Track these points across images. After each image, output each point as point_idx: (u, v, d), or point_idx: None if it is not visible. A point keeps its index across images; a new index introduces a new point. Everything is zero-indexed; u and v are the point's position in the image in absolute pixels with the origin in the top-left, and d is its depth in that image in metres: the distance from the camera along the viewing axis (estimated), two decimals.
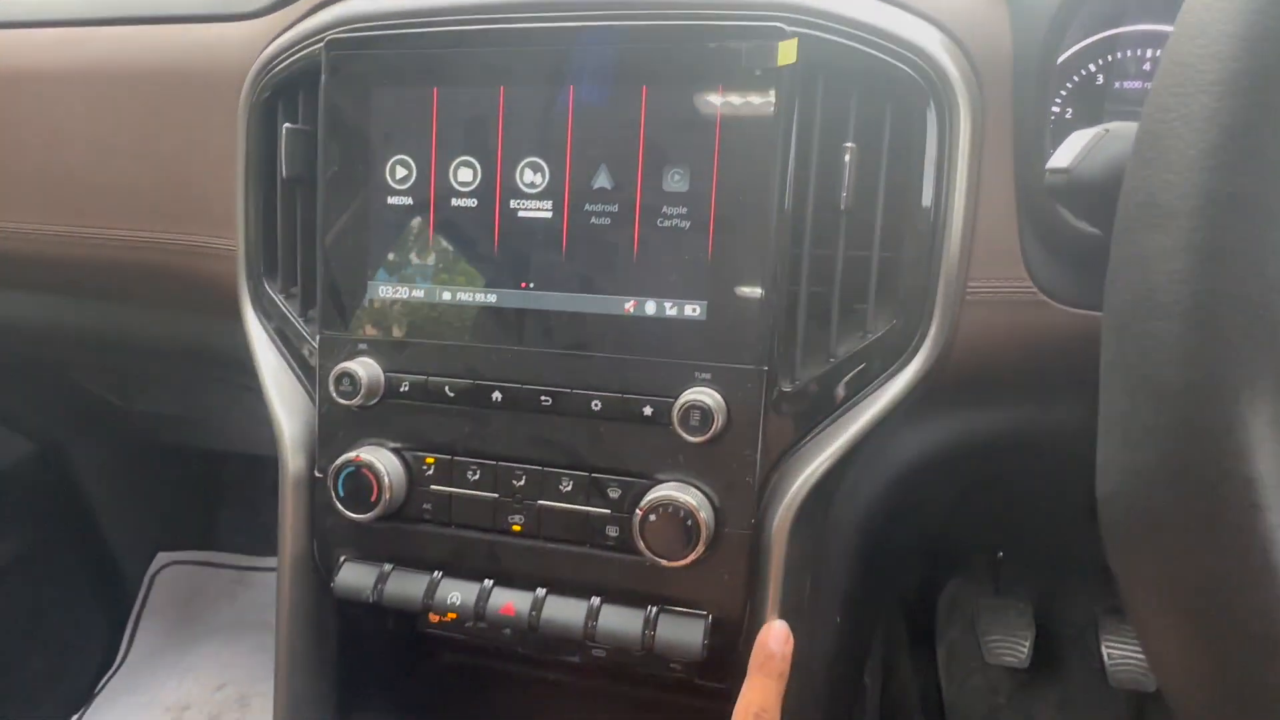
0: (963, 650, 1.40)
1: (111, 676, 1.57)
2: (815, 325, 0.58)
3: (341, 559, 0.65)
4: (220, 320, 0.76)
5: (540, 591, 0.60)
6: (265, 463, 1.66)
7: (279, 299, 0.70)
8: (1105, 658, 1.21)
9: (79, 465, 1.52)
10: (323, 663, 0.71)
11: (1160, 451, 0.25)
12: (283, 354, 0.70)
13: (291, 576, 0.67)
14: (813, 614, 0.62)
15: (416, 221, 0.62)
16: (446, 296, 0.62)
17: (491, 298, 0.61)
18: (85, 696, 1.52)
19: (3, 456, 1.40)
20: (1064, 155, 0.37)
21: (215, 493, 1.75)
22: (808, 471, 0.56)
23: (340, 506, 0.62)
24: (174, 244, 0.77)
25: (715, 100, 0.57)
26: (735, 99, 0.57)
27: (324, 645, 0.70)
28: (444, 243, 0.62)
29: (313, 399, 0.67)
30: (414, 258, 0.63)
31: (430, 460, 0.62)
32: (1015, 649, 1.23)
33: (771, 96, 0.56)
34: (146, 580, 1.66)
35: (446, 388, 0.61)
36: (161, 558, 1.68)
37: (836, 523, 0.66)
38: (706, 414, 0.55)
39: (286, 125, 0.67)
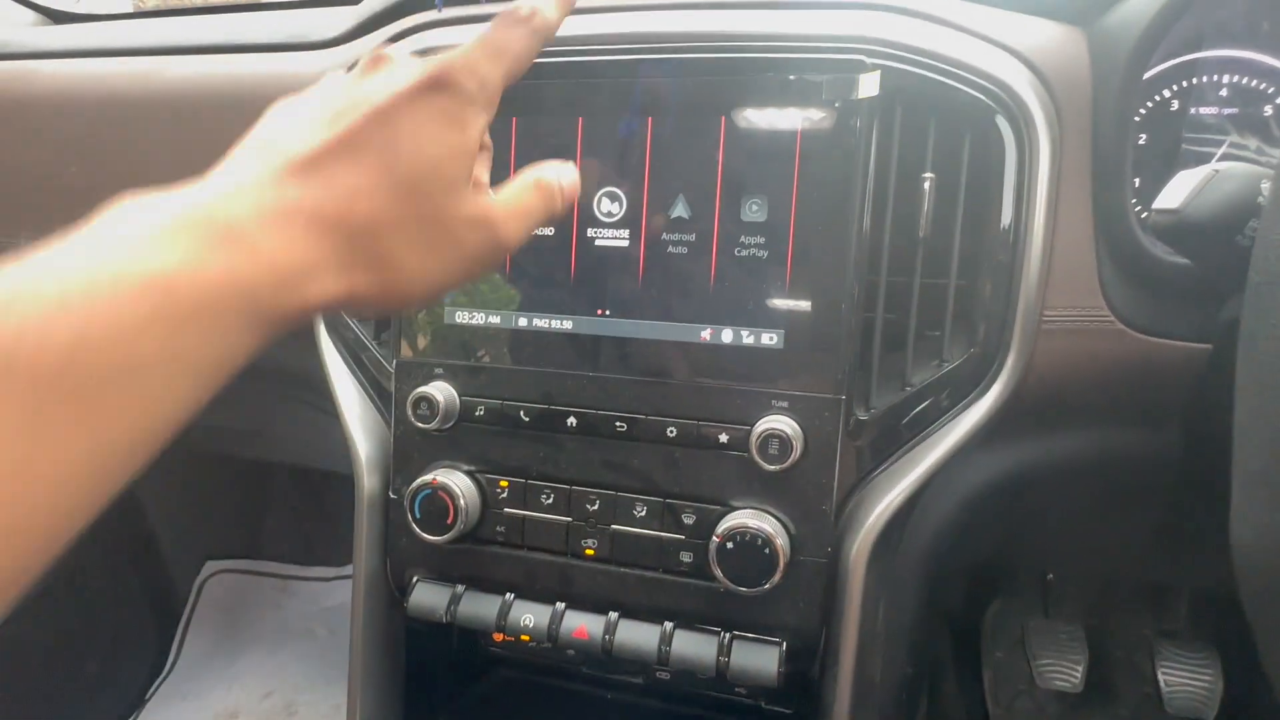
0: (1009, 671, 1.38)
1: (162, 681, 1.59)
2: (891, 353, 0.58)
3: (415, 579, 0.66)
4: (293, 342, 0.78)
5: (613, 615, 0.61)
6: (310, 474, 1.69)
7: (354, 323, 0.71)
8: (1162, 684, 1.19)
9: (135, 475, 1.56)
10: (392, 676, 0.72)
11: None
12: (357, 377, 0.71)
13: (366, 592, 0.68)
14: (887, 641, 0.62)
15: None
16: (523, 323, 0.63)
17: (568, 324, 0.61)
18: (137, 701, 1.55)
19: None
20: (1173, 195, 0.37)
21: (261, 503, 1.78)
22: (886, 501, 0.57)
23: (416, 528, 0.62)
24: None
25: (795, 131, 0.57)
26: (815, 130, 0.57)
27: (393, 659, 0.72)
28: (521, 269, 0.63)
29: (387, 422, 0.68)
30: (490, 284, 0.63)
31: (504, 483, 0.63)
32: (1068, 673, 1.21)
33: (851, 127, 0.56)
34: (195, 587, 1.69)
35: (521, 412, 0.62)
36: (209, 566, 1.71)
37: (906, 549, 0.66)
38: (785, 442, 0.56)
39: None
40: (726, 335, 0.58)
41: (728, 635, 0.58)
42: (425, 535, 0.62)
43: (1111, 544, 1.16)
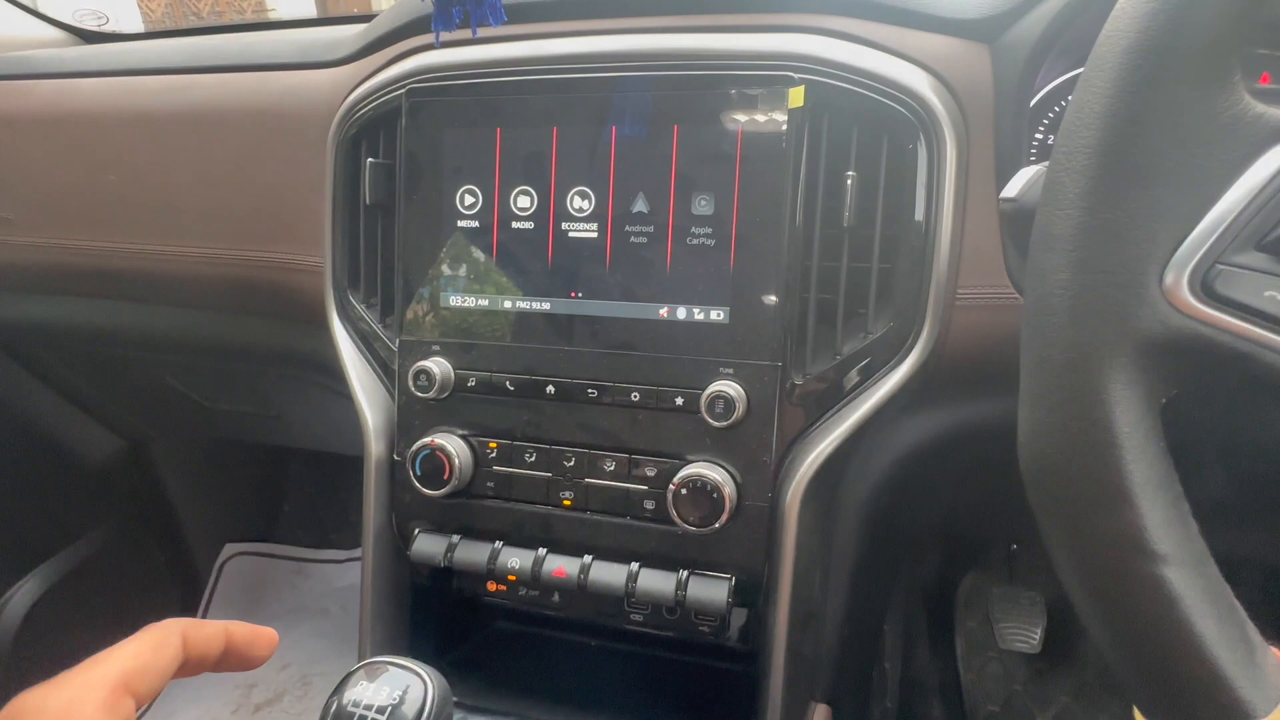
0: (980, 640, 1.45)
1: None
2: (824, 327, 0.63)
3: (417, 530, 0.71)
4: (307, 327, 0.83)
5: (587, 558, 0.66)
6: (323, 460, 1.77)
7: (361, 308, 0.76)
8: None
9: (159, 461, 1.63)
10: (398, 621, 0.77)
11: (1049, 410, 0.34)
12: (365, 355, 0.76)
13: (375, 545, 0.73)
14: (821, 576, 0.70)
15: (482, 241, 0.68)
16: (507, 305, 0.68)
17: (546, 305, 0.67)
18: None
19: (97, 453, 1.51)
20: (1013, 186, 0.46)
21: (277, 488, 1.85)
22: (816, 452, 0.62)
23: (417, 484, 0.67)
24: (266, 261, 0.84)
25: (735, 137, 0.64)
26: (752, 136, 0.66)
27: (400, 605, 0.77)
28: (505, 259, 0.68)
29: (392, 394, 0.73)
30: (480, 272, 0.69)
31: (493, 444, 0.68)
32: (1027, 635, 1.29)
33: (783, 133, 0.65)
34: (216, 569, 1.77)
35: (507, 382, 0.67)
36: (229, 549, 1.78)
37: (844, 500, 0.75)
38: (729, 403, 0.61)
39: (370, 160, 0.73)
40: (680, 313, 0.64)
41: (685, 572, 0.63)
42: (425, 491, 0.67)
43: None
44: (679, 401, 0.63)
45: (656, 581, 0.65)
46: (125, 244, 0.95)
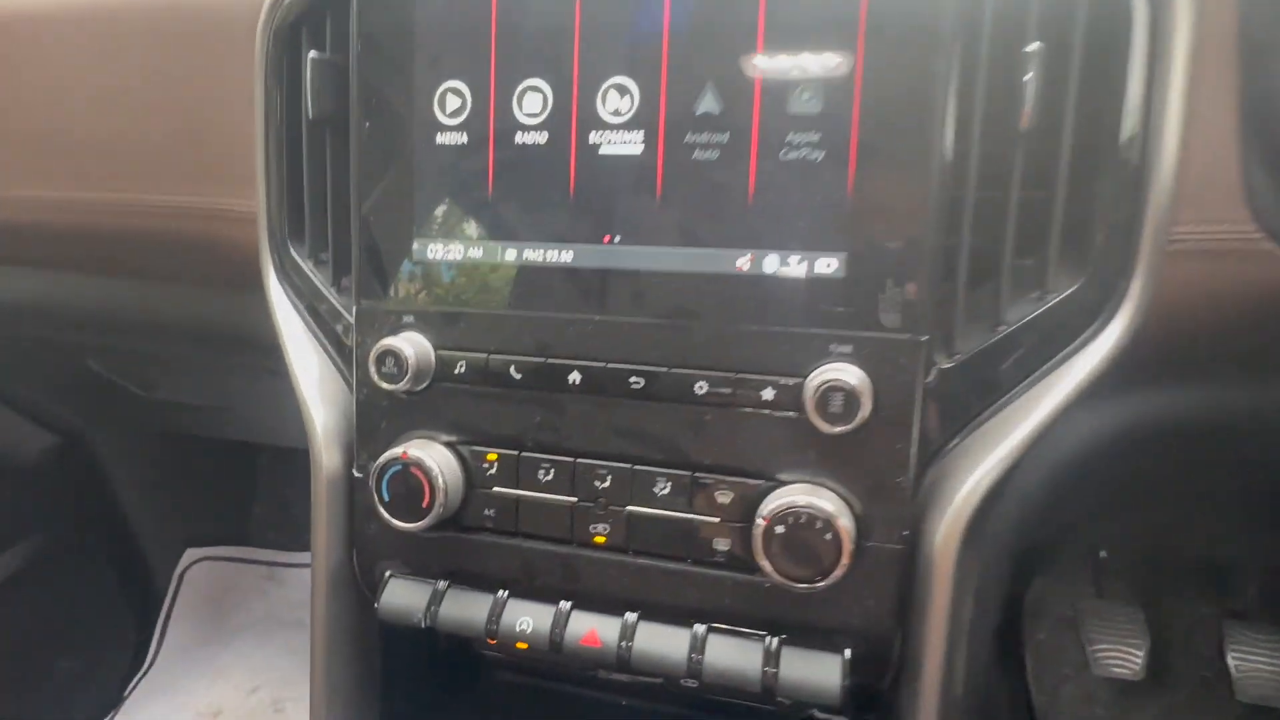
0: (1052, 654, 1.28)
1: (142, 678, 1.50)
2: (980, 286, 0.49)
3: (387, 574, 0.59)
4: (242, 296, 0.70)
5: (630, 617, 0.53)
6: (297, 455, 1.58)
7: (307, 266, 0.63)
8: (1232, 668, 1.09)
9: (104, 458, 1.46)
10: (364, 689, 0.65)
11: None
12: (313, 331, 0.63)
13: (328, 592, 0.60)
14: (972, 643, 0.51)
15: (473, 163, 0.53)
16: (510, 256, 0.53)
17: (567, 256, 0.52)
18: (116, 698, 1.46)
19: (25, 449, 1.34)
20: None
21: (245, 487, 1.68)
22: (980, 472, 0.47)
23: (385, 513, 0.55)
24: (188, 208, 0.71)
25: None
26: None
27: (365, 669, 0.64)
28: (508, 188, 0.53)
29: (349, 384, 0.60)
30: (470, 209, 0.54)
31: (492, 456, 0.55)
32: (1127, 660, 1.11)
33: None
34: (176, 577, 1.59)
35: (512, 368, 0.54)
36: (190, 554, 1.60)
37: (992, 530, 0.54)
38: (850, 397, 0.46)
39: (313, 54, 0.58)
40: (770, 263, 0.48)
41: (775, 640, 0.50)
42: (396, 522, 0.55)
43: (1175, 518, 1.05)
44: (768, 395, 0.49)
45: (734, 654, 0.51)
46: (3, 191, 0.78)
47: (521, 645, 0.54)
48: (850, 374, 0.46)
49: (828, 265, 0.47)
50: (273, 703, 1.44)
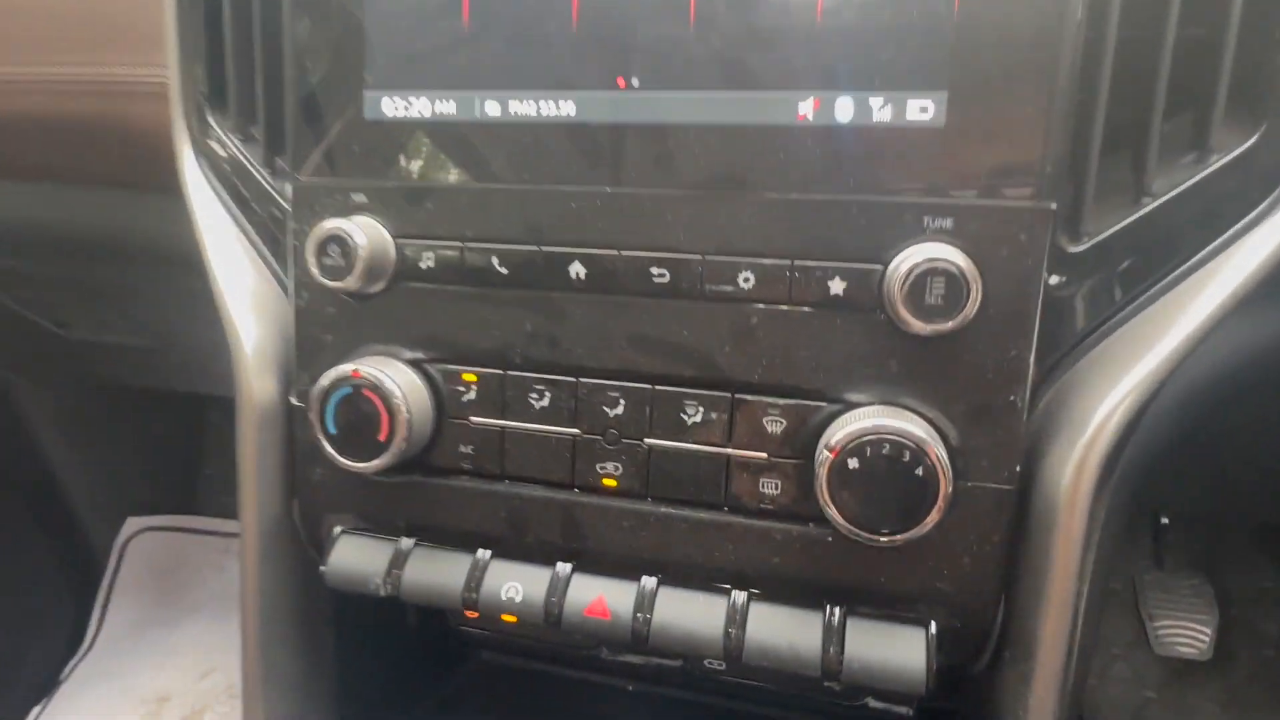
0: (1102, 633, 1.24)
1: (80, 660, 1.44)
2: (1120, 147, 0.42)
3: (337, 530, 0.53)
4: (161, 198, 0.63)
5: (649, 582, 0.47)
6: None
7: (233, 142, 0.57)
8: None
9: (29, 415, 1.38)
10: (311, 679, 0.58)
11: None
12: (241, 226, 0.57)
13: (261, 554, 0.54)
14: (1089, 612, 0.43)
15: None
16: (494, 109, 0.45)
17: (568, 106, 0.44)
18: (51, 683, 1.39)
19: None
20: None
21: (193, 446, 1.60)
22: (1121, 389, 0.40)
23: (330, 450, 0.49)
24: (83, 82, 0.65)
25: None
26: None
27: (313, 653, 0.58)
28: (487, 19, 0.45)
29: (284, 287, 0.53)
30: (438, 48, 0.46)
31: (470, 378, 0.49)
32: (1194, 637, 1.07)
33: None
34: (116, 550, 1.52)
35: (495, 260, 0.47)
36: (133, 523, 1.53)
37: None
38: (953, 285, 0.38)
39: None
40: (843, 108, 0.40)
41: (838, 611, 0.44)
42: (345, 461, 0.48)
43: (1245, 477, 0.97)
44: (839, 287, 0.42)
45: (782, 628, 0.44)
46: None
47: (509, 618, 0.48)
48: (951, 255, 0.38)
49: (922, 110, 0.39)
50: (228, 688, 1.40)
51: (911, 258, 0.39)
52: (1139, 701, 1.19)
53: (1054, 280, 0.42)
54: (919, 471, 0.38)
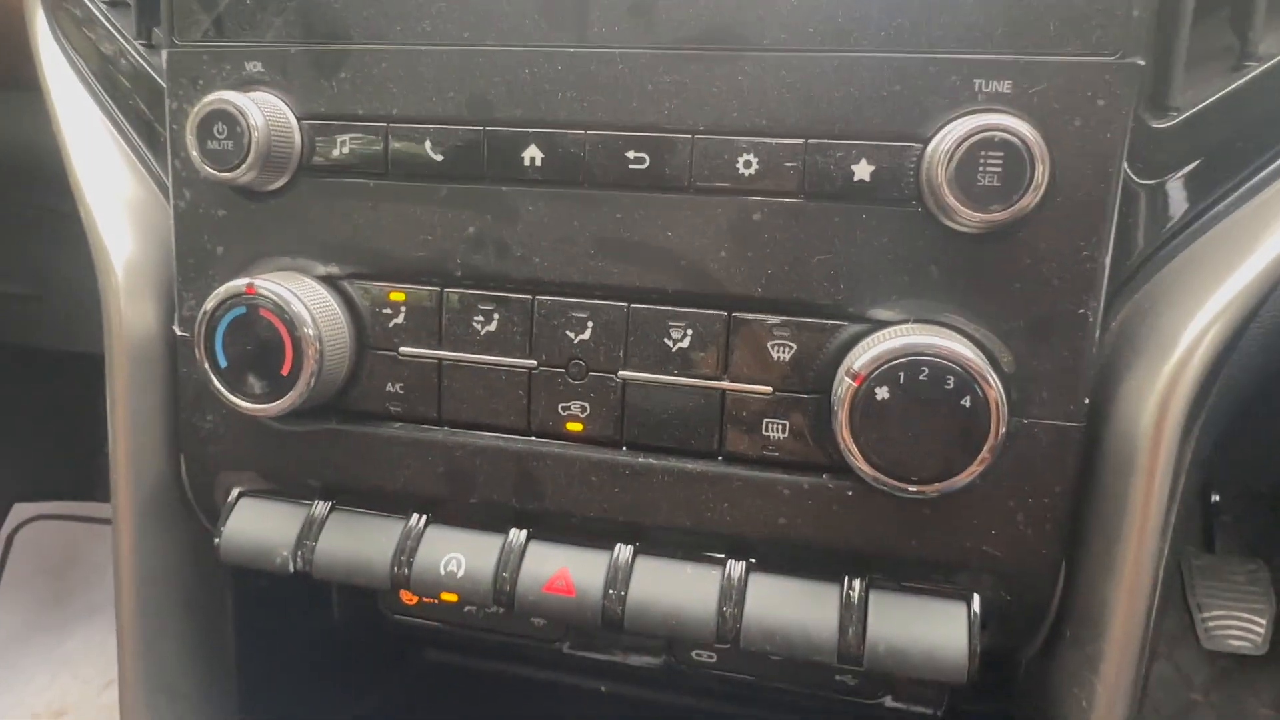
0: None
1: None
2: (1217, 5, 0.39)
3: (234, 492, 0.49)
4: (20, 96, 0.59)
5: (622, 550, 0.44)
6: None
7: (97, 8, 0.52)
8: None
9: None
10: (206, 683, 0.55)
11: None
12: (109, 112, 0.52)
13: (136, 529, 0.50)
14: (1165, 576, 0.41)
15: None
16: None
17: None
18: None
19: None
20: None
21: (90, 420, 1.58)
22: (1212, 309, 0.37)
23: (221, 387, 0.45)
24: None
25: None
26: None
27: (207, 652, 0.54)
28: None
29: (164, 190, 0.49)
30: None
31: (398, 296, 0.45)
32: (1248, 629, 1.07)
33: None
34: (2, 541, 1.50)
35: (428, 144, 0.42)
36: (20, 510, 1.51)
37: None
38: (1014, 159, 0.35)
39: None
40: None
41: (859, 583, 0.40)
42: (240, 401, 0.44)
43: None
44: (864, 171, 0.38)
45: (790, 604, 0.41)
46: None
47: (449, 597, 0.45)
48: (1011, 125, 0.34)
49: None
50: None
51: (958, 128, 0.34)
52: (1183, 704, 1.20)
53: (1138, 164, 0.38)
54: (966, 403, 0.35)
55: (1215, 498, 1.14)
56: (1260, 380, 0.53)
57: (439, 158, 0.43)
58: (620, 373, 0.43)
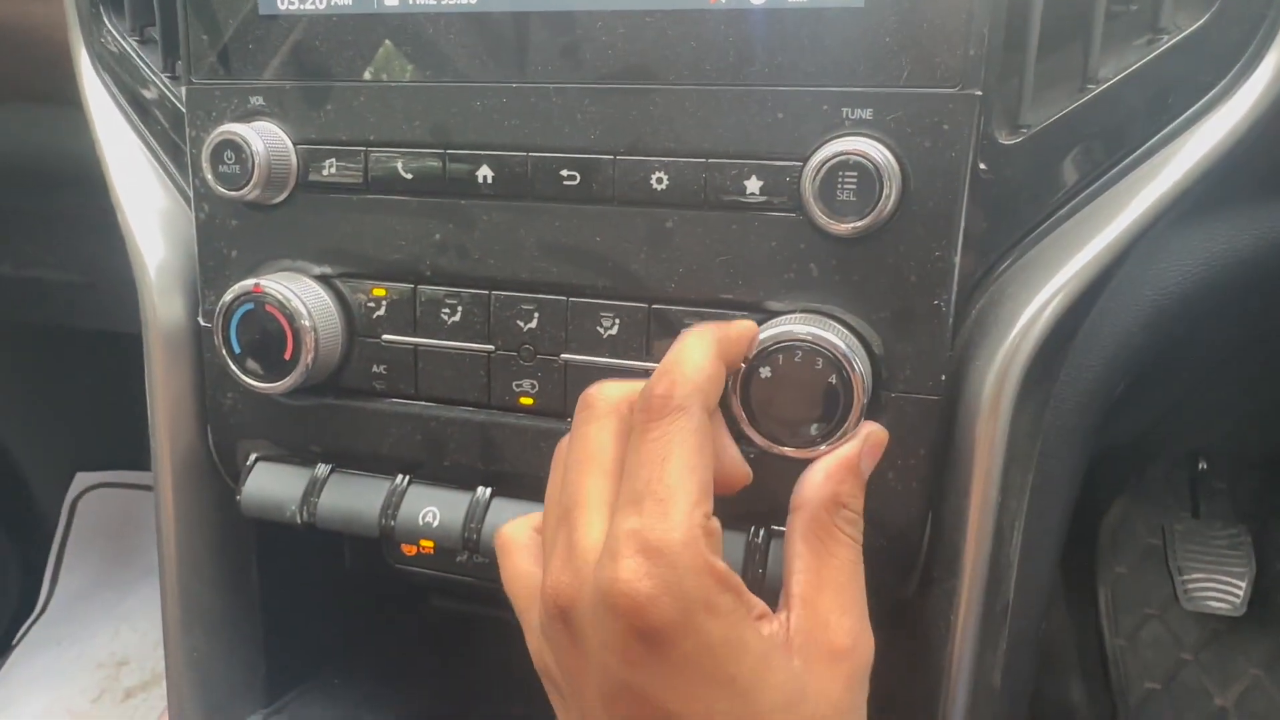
0: (1133, 591, 1.25)
1: (32, 625, 1.49)
2: (1064, 30, 0.43)
3: (252, 457, 0.56)
4: (61, 111, 0.65)
5: None
6: None
7: (129, 45, 0.58)
8: None
9: None
10: (235, 616, 0.62)
11: None
12: (143, 137, 0.59)
13: (174, 491, 0.57)
14: (1030, 546, 0.46)
15: None
16: (390, 0, 0.47)
17: None
18: (2, 648, 1.45)
19: None
20: None
21: (144, 394, 1.66)
22: (1047, 294, 0.42)
23: (236, 370, 0.51)
24: None
25: None
26: None
27: (235, 589, 0.62)
28: None
29: (188, 201, 0.56)
30: None
31: (379, 291, 0.51)
32: (1227, 591, 1.08)
33: None
34: (66, 507, 1.57)
35: (400, 164, 0.49)
36: (81, 479, 1.57)
37: (1059, 394, 0.49)
38: (867, 177, 0.40)
39: None
40: None
41: (761, 531, 0.47)
42: (252, 382, 0.51)
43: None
44: (755, 186, 0.44)
45: None
46: None
47: (427, 544, 0.51)
48: (870, 148, 0.40)
49: None
50: None
51: (828, 152, 0.40)
52: (1174, 664, 1.21)
53: (988, 176, 0.42)
54: (833, 380, 0.40)
55: (1202, 465, 1.15)
56: (1163, 355, 0.57)
57: (409, 176, 0.48)
58: (563, 355, 0.48)
